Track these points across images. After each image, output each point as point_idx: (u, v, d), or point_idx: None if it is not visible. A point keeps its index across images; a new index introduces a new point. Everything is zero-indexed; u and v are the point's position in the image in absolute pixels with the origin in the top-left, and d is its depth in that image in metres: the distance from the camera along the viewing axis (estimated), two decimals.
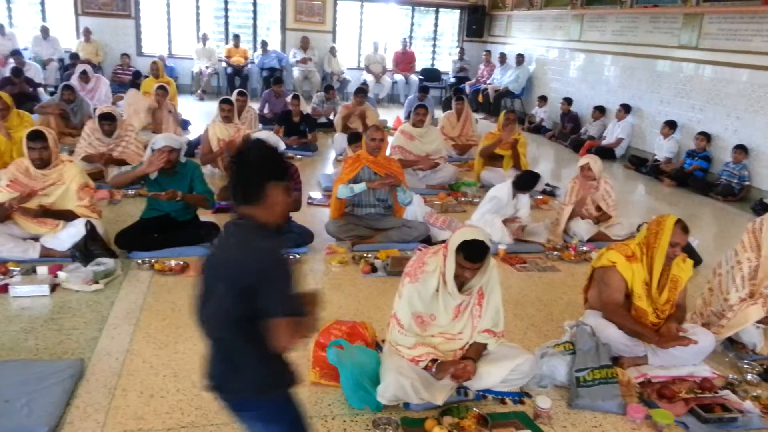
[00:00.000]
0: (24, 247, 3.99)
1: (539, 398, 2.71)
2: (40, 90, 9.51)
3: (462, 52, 13.12)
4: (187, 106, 10.13)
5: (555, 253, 4.70)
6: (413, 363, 2.73)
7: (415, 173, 6.45)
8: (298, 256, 4.37)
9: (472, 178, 6.86)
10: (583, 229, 4.94)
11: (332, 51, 12.40)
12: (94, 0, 11.66)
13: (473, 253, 2.62)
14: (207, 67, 11.79)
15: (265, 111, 9.30)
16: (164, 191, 4.16)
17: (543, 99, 10.63)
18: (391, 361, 2.72)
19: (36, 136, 3.98)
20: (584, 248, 4.76)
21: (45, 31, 11.28)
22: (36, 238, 4.05)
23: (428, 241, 4.71)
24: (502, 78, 11.81)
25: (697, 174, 7.19)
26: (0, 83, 8.79)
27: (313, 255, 4.49)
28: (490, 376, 2.78)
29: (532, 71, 11.63)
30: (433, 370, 2.70)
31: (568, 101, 9.88)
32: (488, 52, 12.65)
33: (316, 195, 5.94)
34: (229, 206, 5.09)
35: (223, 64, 12.06)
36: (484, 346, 2.86)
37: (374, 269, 4.20)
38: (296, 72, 12.10)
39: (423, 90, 10.15)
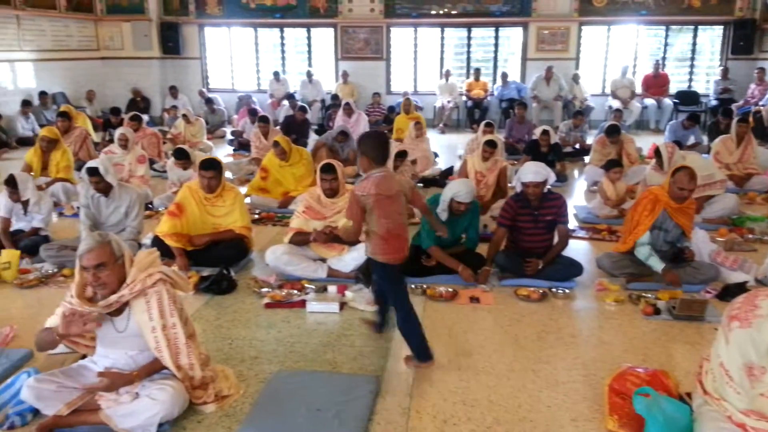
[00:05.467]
0: (314, 268, 4.42)
1: None
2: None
3: (726, 71, 11.74)
4: (431, 139, 10.55)
5: None
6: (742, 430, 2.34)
7: None
8: (567, 291, 4.17)
9: (755, 212, 5.99)
10: None
11: (575, 78, 12.01)
12: (352, 46, 12.91)
13: None
14: (449, 102, 12.24)
15: (509, 138, 9.27)
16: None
17: None
18: (713, 421, 2.37)
19: (327, 169, 4.47)
20: None
21: (309, 76, 12.79)
22: (323, 260, 4.47)
23: None
24: None
25: None
26: (284, 122, 10.25)
27: (581, 290, 4.25)
28: None
29: None
30: None
31: None
32: (761, 70, 11.11)
33: (572, 227, 5.68)
34: (488, 235, 5.20)
35: (464, 98, 12.41)
36: None
37: (657, 311, 3.82)
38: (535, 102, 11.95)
39: (692, 118, 8.99)
